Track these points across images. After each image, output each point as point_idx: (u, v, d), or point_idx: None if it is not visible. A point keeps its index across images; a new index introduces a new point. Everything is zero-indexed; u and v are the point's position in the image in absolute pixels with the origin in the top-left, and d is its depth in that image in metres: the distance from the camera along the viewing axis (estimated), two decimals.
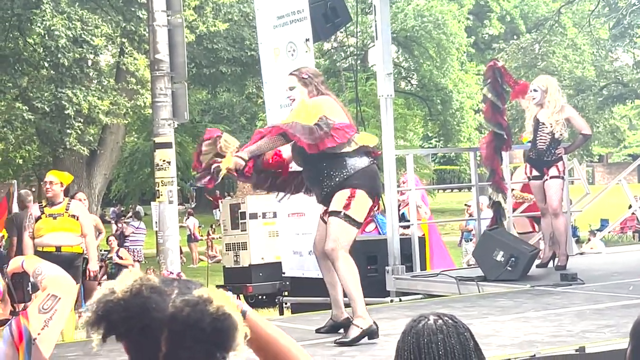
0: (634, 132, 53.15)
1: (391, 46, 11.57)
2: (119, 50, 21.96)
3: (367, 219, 6.59)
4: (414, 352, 2.35)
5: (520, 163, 23.69)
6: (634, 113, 46.63)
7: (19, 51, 19.44)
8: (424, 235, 11.54)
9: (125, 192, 35.49)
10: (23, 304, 3.16)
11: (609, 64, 37.74)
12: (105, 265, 11.51)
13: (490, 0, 42.39)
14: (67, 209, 9.69)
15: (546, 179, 9.67)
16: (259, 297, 18.02)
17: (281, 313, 12.55)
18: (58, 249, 9.47)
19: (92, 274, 9.58)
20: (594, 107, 35.12)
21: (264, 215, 17.48)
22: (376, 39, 10.13)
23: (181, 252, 19.28)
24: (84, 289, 11.18)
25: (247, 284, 17.36)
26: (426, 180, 37.93)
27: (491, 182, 10.18)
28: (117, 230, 25.91)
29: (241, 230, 17.77)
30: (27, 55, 19.42)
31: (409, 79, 39.53)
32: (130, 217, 27.03)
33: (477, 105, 35.20)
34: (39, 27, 18.51)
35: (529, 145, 10.07)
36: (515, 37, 41.50)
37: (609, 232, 19.15)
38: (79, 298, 10.90)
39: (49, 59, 19.16)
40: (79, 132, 19.72)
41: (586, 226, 25.55)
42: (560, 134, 9.63)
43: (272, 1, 10.27)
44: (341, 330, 6.66)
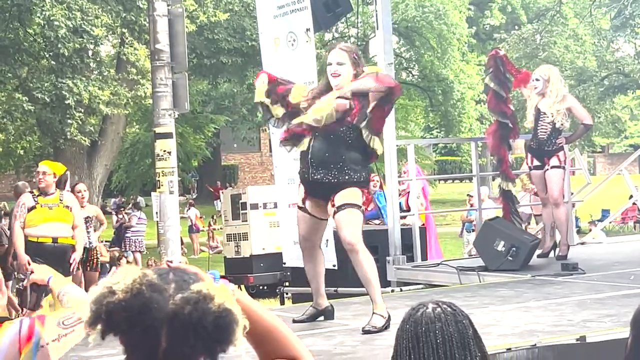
0: (635, 122, 53.12)
1: (392, 37, 11.55)
2: (119, 40, 21.93)
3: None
4: (412, 341, 2.34)
5: (522, 154, 23.67)
6: (635, 103, 46.61)
7: (19, 41, 19.40)
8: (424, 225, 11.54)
9: (127, 183, 35.45)
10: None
11: (610, 55, 37.68)
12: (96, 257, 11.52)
13: None
14: (61, 200, 9.65)
15: (547, 169, 9.66)
16: (260, 287, 18.03)
17: (282, 303, 12.57)
18: (55, 240, 9.42)
19: (74, 262, 9.55)
20: (595, 98, 35.08)
21: (264, 205, 17.48)
22: (377, 29, 10.11)
23: (182, 243, 19.29)
24: (85, 279, 11.19)
25: (248, 275, 17.37)
26: (427, 170, 37.94)
27: (499, 171, 10.18)
28: (117, 221, 25.91)
29: (242, 221, 17.78)
30: (27, 46, 19.39)
31: (410, 69, 39.47)
32: (130, 208, 27.03)
33: (479, 96, 35.17)
34: (39, 17, 18.48)
35: (530, 135, 10.07)
36: (516, 27, 41.45)
37: (610, 222, 19.14)
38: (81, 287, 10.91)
39: (49, 49, 19.13)
40: (80, 123, 19.70)
41: (587, 216, 25.55)
42: (562, 124, 9.61)
43: None
44: (321, 318, 6.80)
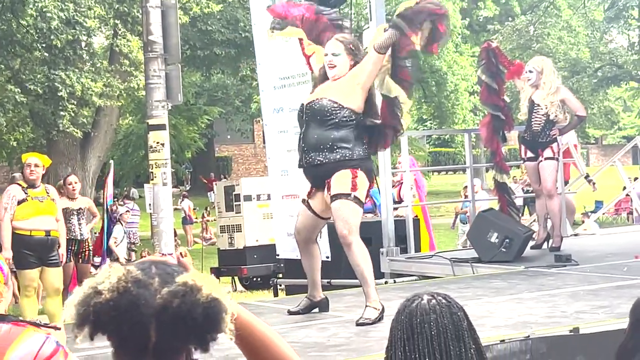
0: (629, 114, 53.15)
1: None
2: (112, 31, 21.85)
3: (366, 198, 6.63)
4: (406, 332, 2.34)
5: (515, 145, 23.65)
6: (628, 95, 46.62)
7: (11, 33, 19.32)
8: (417, 217, 11.53)
9: (120, 175, 35.42)
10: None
11: (603, 46, 37.68)
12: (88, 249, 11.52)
13: None
14: (47, 193, 9.63)
15: (541, 161, 9.66)
16: (254, 279, 18.04)
17: (275, 295, 12.56)
18: (47, 233, 9.42)
19: (62, 258, 9.54)
20: (589, 89, 35.08)
21: (258, 197, 17.48)
22: (370, 21, 10.10)
23: (176, 235, 19.28)
24: (77, 271, 11.18)
25: (242, 266, 17.38)
26: (421, 162, 37.93)
27: (493, 163, 10.17)
28: (110, 213, 25.86)
29: (235, 213, 17.78)
30: (19, 37, 19.30)
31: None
32: (122, 200, 27.01)
33: (472, 87, 35.15)
34: (32, 8, 18.40)
35: (524, 127, 10.06)
36: (510, 18, 41.41)
37: (604, 214, 19.16)
38: (73, 280, 10.91)
39: (41, 41, 19.05)
40: (72, 114, 19.64)
41: (580, 208, 25.57)
42: (555, 115, 9.61)
43: None
44: (316, 310, 6.81)
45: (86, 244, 11.59)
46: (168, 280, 2.00)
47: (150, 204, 11.24)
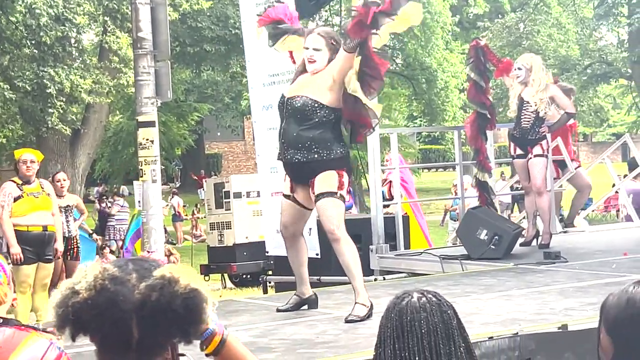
0: (618, 111, 53.24)
1: None
2: (101, 28, 21.81)
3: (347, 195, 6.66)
4: (396, 330, 2.34)
5: (505, 142, 23.64)
6: (617, 92, 46.70)
7: (0, 30, 19.28)
8: (407, 214, 11.54)
9: (110, 172, 35.37)
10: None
11: (593, 43, 37.76)
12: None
13: None
14: (42, 188, 9.64)
15: (530, 158, 9.67)
16: (243, 276, 18.02)
17: (265, 292, 12.55)
18: (45, 228, 9.44)
19: (60, 253, 9.53)
20: (578, 86, 35.13)
21: (248, 194, 17.46)
22: None
23: (166, 232, 19.25)
24: (66, 268, 11.14)
25: (232, 263, 17.35)
26: (411, 159, 37.94)
27: (476, 161, 10.19)
28: (99, 210, 25.86)
29: (225, 210, 17.76)
30: (8, 34, 19.25)
31: (393, 58, 39.44)
32: (112, 196, 26.97)
33: (462, 85, 35.17)
34: (21, 5, 18.36)
35: (513, 124, 10.07)
36: (500, 16, 41.45)
37: (593, 211, 19.18)
38: (62, 276, 10.87)
39: (30, 38, 19.01)
40: (61, 111, 19.60)
41: (570, 205, 25.58)
42: (544, 113, 9.62)
43: None
44: (305, 307, 6.81)
45: (74, 241, 11.56)
46: (145, 275, 1.99)
47: (139, 201, 11.23)
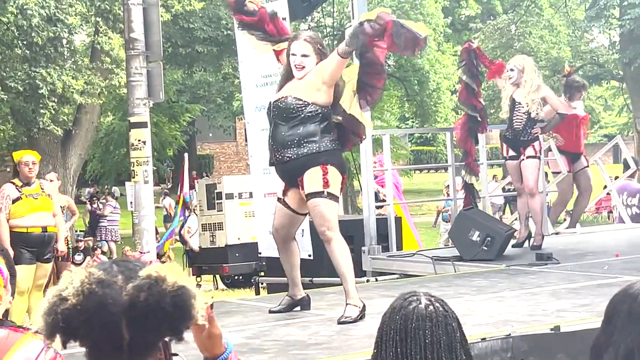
0: (609, 112, 53.36)
1: None
2: (93, 29, 21.77)
3: (341, 191, 6.61)
4: (400, 333, 2.35)
5: (497, 144, 23.62)
6: (609, 94, 46.82)
7: None
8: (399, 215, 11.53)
9: (101, 173, 35.32)
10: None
11: (584, 45, 37.82)
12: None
13: None
14: (42, 189, 9.65)
15: (523, 159, 9.68)
16: (235, 277, 18.02)
17: (257, 293, 12.53)
18: (44, 229, 9.44)
19: (61, 253, 9.52)
20: None
21: (240, 195, 17.47)
22: (353, 19, 10.08)
23: (157, 233, 19.23)
24: (57, 269, 11.12)
25: (223, 264, 17.36)
26: (403, 160, 37.96)
27: (464, 163, 10.19)
28: (91, 211, 25.82)
29: (217, 211, 17.76)
30: (0, 35, 19.21)
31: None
32: (104, 197, 26.94)
33: (454, 86, 35.19)
34: (12, 5, 18.31)
35: (505, 126, 10.08)
36: (491, 17, 41.50)
37: (584, 212, 19.18)
38: (53, 278, 10.85)
39: (22, 38, 18.97)
40: (53, 112, 19.57)
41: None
42: (537, 114, 9.63)
43: None
44: (297, 308, 6.80)
45: (65, 241, 11.54)
46: (132, 275, 1.99)
47: (131, 202, 11.22)
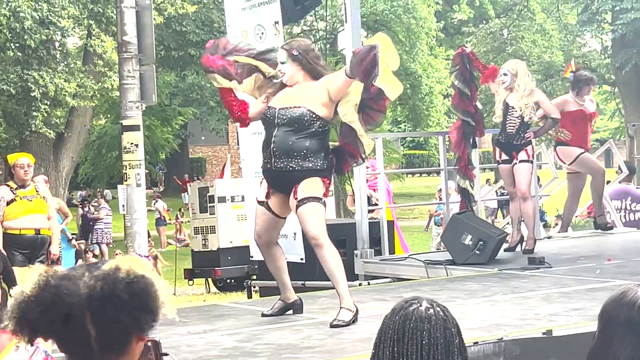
0: (601, 117, 53.50)
1: (361, 30, 11.53)
2: (86, 32, 21.77)
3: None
4: (398, 333, 2.35)
5: (489, 148, 23.70)
6: (601, 98, 46.92)
7: None
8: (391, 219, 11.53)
9: (93, 176, 35.29)
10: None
11: (577, 49, 37.91)
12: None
13: None
14: (37, 191, 9.64)
15: (515, 163, 9.69)
16: (227, 280, 18.00)
17: (249, 296, 12.53)
18: (37, 231, 9.42)
19: (54, 257, 9.51)
20: (562, 92, 35.22)
21: (232, 199, 17.45)
22: (346, 23, 10.08)
23: (149, 236, 19.20)
24: None
25: (216, 268, 17.34)
26: (395, 164, 37.98)
27: (458, 167, 10.20)
28: (82, 214, 25.78)
29: (210, 214, 17.74)
30: None
31: None
32: (96, 201, 26.91)
33: (447, 90, 35.26)
34: (5, 8, 18.30)
35: (498, 130, 10.09)
36: (484, 21, 41.57)
37: (576, 217, 19.21)
38: None
39: (15, 41, 18.95)
40: (45, 115, 19.55)
41: (554, 210, 25.67)
42: (530, 118, 9.64)
43: None
44: (290, 311, 6.80)
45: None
46: (93, 268, 2.02)
47: (123, 205, 11.20)
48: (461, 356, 2.37)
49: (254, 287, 12.36)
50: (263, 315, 6.81)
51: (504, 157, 9.81)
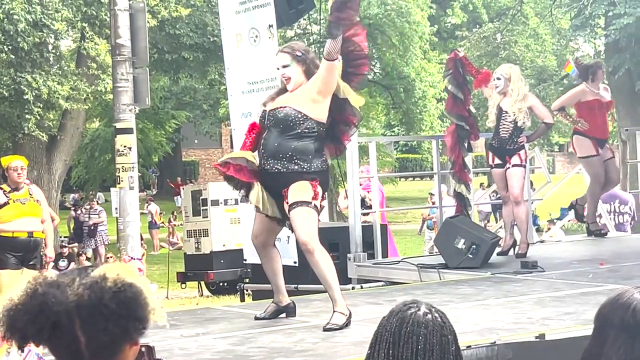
0: None
1: None
2: (79, 34, 21.75)
3: (320, 208, 6.60)
4: (394, 336, 2.35)
5: (482, 152, 23.75)
6: None
7: None
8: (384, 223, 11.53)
9: (86, 179, 35.24)
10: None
11: (570, 54, 37.95)
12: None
13: None
14: (30, 194, 9.64)
15: (508, 167, 9.71)
16: (220, 283, 17.99)
17: (242, 300, 12.52)
18: (30, 234, 9.43)
19: (49, 260, 9.52)
20: (555, 97, 35.27)
21: (225, 202, 17.45)
22: None
23: (142, 239, 19.20)
24: None
25: (208, 271, 17.33)
26: (388, 168, 38.01)
27: (453, 172, 10.22)
28: (75, 217, 25.76)
29: (202, 217, 17.73)
30: None
31: (371, 67, 39.52)
32: (88, 203, 26.89)
33: (440, 94, 35.29)
34: None
35: (491, 134, 10.11)
36: (477, 26, 41.63)
37: (569, 221, 19.25)
38: None
39: (8, 43, 18.92)
40: (38, 117, 19.52)
41: (546, 215, 25.69)
42: (523, 122, 9.66)
43: None
44: (283, 315, 6.79)
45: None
46: (82, 274, 2.01)
47: (116, 208, 11.20)
48: None
49: (247, 290, 12.35)
50: (256, 318, 6.80)
51: (497, 161, 9.83)
